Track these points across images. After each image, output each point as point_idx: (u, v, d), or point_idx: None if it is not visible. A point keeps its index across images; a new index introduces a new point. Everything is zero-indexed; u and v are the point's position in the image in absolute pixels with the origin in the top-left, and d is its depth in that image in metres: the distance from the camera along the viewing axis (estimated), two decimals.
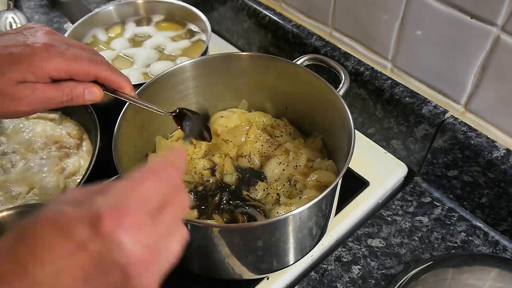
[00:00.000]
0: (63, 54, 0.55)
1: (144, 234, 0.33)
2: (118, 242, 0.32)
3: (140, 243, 0.33)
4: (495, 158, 0.71)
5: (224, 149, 0.79)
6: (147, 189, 0.36)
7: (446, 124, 0.76)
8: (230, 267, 0.65)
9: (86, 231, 0.32)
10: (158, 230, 0.35)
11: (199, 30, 1.03)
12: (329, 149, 0.79)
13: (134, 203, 0.34)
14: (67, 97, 0.56)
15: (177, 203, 0.38)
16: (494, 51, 0.68)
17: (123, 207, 0.33)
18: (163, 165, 0.39)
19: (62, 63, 0.54)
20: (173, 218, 0.37)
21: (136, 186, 0.36)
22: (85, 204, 0.33)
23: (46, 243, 0.31)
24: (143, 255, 0.33)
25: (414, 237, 0.77)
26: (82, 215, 0.32)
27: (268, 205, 0.71)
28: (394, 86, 0.82)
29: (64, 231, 0.32)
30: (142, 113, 0.72)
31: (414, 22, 0.76)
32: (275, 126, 0.84)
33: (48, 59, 0.53)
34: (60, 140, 0.85)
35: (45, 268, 0.31)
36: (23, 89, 0.53)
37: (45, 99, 0.55)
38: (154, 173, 0.38)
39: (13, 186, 0.77)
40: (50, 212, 0.33)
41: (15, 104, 0.54)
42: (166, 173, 0.38)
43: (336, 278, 0.72)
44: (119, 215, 0.32)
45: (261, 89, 0.83)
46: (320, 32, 0.95)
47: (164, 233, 0.36)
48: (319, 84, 0.72)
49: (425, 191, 0.84)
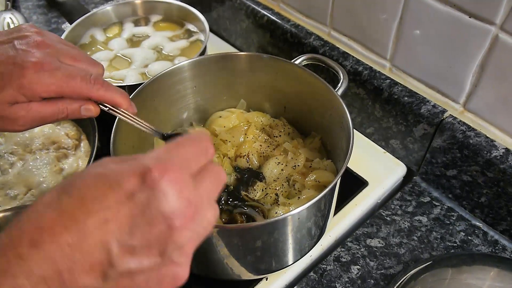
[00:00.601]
0: (53, 75, 0.52)
1: (188, 190, 0.34)
2: (165, 193, 0.33)
3: (184, 197, 0.34)
4: (494, 157, 0.71)
5: (222, 149, 0.79)
6: (187, 152, 0.37)
7: (445, 124, 0.76)
8: (229, 268, 0.65)
9: (135, 181, 0.33)
10: (199, 192, 0.36)
11: (197, 30, 1.03)
12: (327, 149, 0.79)
13: (178, 161, 0.35)
14: (62, 114, 0.55)
15: (214, 173, 0.39)
16: (492, 50, 0.68)
17: (168, 162, 0.34)
18: (199, 136, 0.40)
19: (53, 85, 0.52)
20: (212, 186, 0.38)
21: (178, 149, 0.37)
22: (131, 161, 0.35)
23: (94, 193, 0.32)
24: (187, 210, 0.34)
25: (413, 237, 0.77)
26: (130, 168, 0.33)
27: (267, 205, 0.71)
28: (393, 85, 0.82)
29: (112, 182, 0.33)
30: (140, 115, 0.71)
31: (413, 21, 0.76)
32: (274, 126, 0.84)
33: (38, 81, 0.52)
34: (58, 141, 0.85)
35: (93, 217, 0.31)
36: (17, 110, 0.52)
37: (40, 118, 0.54)
38: (192, 141, 0.38)
39: (11, 187, 0.77)
40: (96, 168, 0.34)
41: (11, 124, 0.53)
42: (202, 144, 0.39)
43: (335, 278, 0.72)
44: (166, 167, 0.33)
45: (259, 89, 0.83)
46: (318, 31, 0.95)
47: (205, 198, 0.37)
48: (318, 84, 0.72)
49: (424, 191, 0.83)
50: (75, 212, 0.31)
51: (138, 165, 0.34)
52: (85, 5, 1.25)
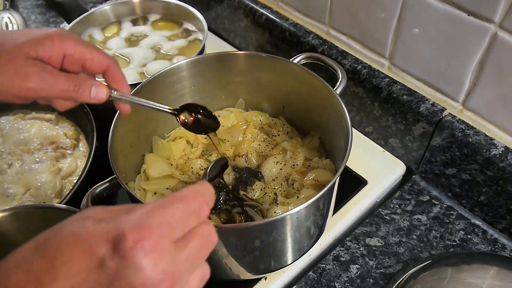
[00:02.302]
0: (79, 39, 0.55)
1: (164, 261, 0.32)
2: (137, 264, 0.30)
3: (159, 269, 0.31)
4: (493, 155, 0.71)
5: (221, 148, 0.79)
6: (173, 215, 0.34)
7: (444, 122, 0.76)
8: (228, 268, 0.65)
9: (107, 248, 0.31)
10: (180, 260, 0.34)
11: (195, 29, 1.03)
12: (326, 148, 0.79)
13: (158, 226, 0.32)
14: (74, 87, 0.54)
15: (203, 237, 0.36)
16: (491, 48, 0.67)
17: (146, 228, 0.32)
18: (194, 194, 0.37)
19: (79, 45, 0.54)
20: (198, 252, 0.36)
21: (162, 210, 0.34)
22: (109, 221, 0.32)
23: (64, 257, 0.31)
24: (161, 283, 0.31)
25: (413, 235, 0.76)
26: (104, 231, 0.32)
27: (266, 205, 0.71)
28: (392, 84, 0.82)
29: (84, 246, 0.31)
30: (138, 113, 0.71)
31: (411, 20, 0.75)
32: (272, 125, 0.84)
33: (66, 38, 0.53)
34: (57, 141, 0.85)
35: (59, 283, 0.30)
36: (33, 64, 0.51)
37: (52, 82, 0.52)
38: (183, 200, 0.36)
39: (9, 187, 0.77)
40: (72, 226, 0.33)
41: (22, 79, 0.51)
42: (195, 203, 0.36)
43: (334, 278, 0.71)
44: (143, 235, 0.31)
45: (258, 88, 0.83)
46: (317, 30, 0.94)
47: (186, 266, 0.34)
48: (316, 83, 0.72)
49: (423, 190, 0.83)
50: (43, 276, 0.30)
51: (113, 228, 0.32)
52: (83, 4, 1.25)
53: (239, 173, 0.75)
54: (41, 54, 0.52)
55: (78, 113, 0.84)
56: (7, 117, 0.89)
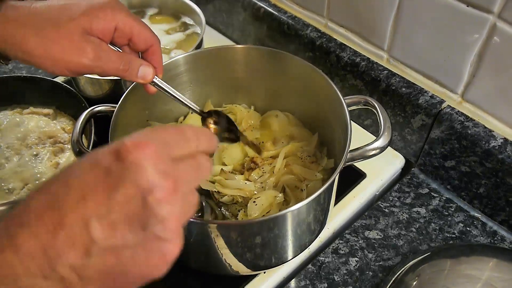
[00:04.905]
0: (128, 12, 0.56)
1: (164, 164, 0.34)
2: (138, 164, 0.33)
3: (161, 170, 0.34)
4: (493, 147, 0.71)
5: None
6: (171, 137, 0.37)
7: (443, 114, 0.76)
8: (227, 264, 0.65)
9: (110, 158, 0.34)
10: (178, 170, 0.36)
11: (193, 23, 1.02)
12: (325, 142, 0.79)
13: (156, 140, 0.35)
14: (124, 66, 0.56)
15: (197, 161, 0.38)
16: (490, 39, 0.67)
17: (145, 140, 0.34)
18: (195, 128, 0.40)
19: (129, 17, 0.55)
20: (191, 171, 0.37)
21: (161, 131, 0.37)
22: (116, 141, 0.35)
23: (75, 173, 0.34)
24: (164, 183, 0.34)
25: (412, 228, 0.76)
26: (109, 147, 0.35)
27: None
28: (391, 76, 0.82)
29: (92, 161, 0.34)
30: (137, 109, 0.71)
31: (410, 11, 0.75)
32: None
33: (119, 10, 0.54)
34: (55, 135, 0.85)
35: (72, 194, 0.32)
36: (90, 40, 0.53)
37: (106, 60, 0.54)
38: (181, 128, 0.38)
39: (7, 181, 0.77)
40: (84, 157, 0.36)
41: (79, 55, 0.52)
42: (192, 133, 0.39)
43: (333, 271, 0.71)
44: (141, 143, 0.34)
45: (256, 81, 0.82)
46: (315, 23, 0.94)
47: (183, 176, 0.36)
48: (315, 75, 0.72)
49: (422, 182, 0.83)
50: (58, 191, 0.33)
51: (116, 143, 0.34)
52: None
53: None
54: (95, 27, 0.53)
55: (76, 108, 0.84)
56: (5, 112, 0.89)
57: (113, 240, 0.32)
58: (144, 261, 0.34)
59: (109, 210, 0.32)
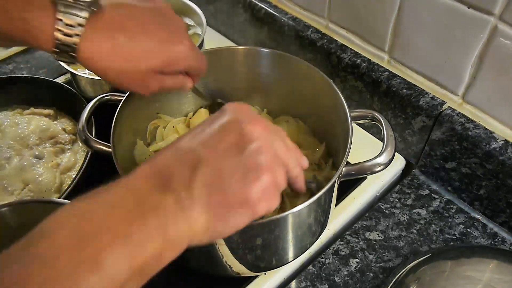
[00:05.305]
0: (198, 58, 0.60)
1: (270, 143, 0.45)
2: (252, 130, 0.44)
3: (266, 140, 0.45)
4: (493, 149, 0.71)
5: None
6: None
7: (443, 116, 0.76)
8: (228, 265, 0.65)
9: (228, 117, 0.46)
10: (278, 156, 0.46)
11: (194, 24, 1.02)
12: (332, 152, 0.78)
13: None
14: (175, 86, 0.61)
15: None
16: (491, 41, 0.67)
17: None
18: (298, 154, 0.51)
19: (197, 62, 0.61)
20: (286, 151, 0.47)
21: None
22: None
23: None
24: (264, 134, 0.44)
25: (412, 229, 0.76)
26: None
27: None
28: (391, 78, 0.82)
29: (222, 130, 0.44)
30: (138, 111, 0.71)
31: (411, 13, 0.75)
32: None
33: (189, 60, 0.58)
34: (55, 136, 0.85)
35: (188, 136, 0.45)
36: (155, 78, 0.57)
37: (165, 89, 0.60)
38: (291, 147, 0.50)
39: (8, 182, 0.77)
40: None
41: (144, 89, 0.58)
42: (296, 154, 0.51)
43: (334, 272, 0.71)
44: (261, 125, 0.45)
45: (258, 84, 0.82)
46: (316, 24, 0.94)
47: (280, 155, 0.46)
48: (317, 77, 0.72)
49: (423, 184, 0.83)
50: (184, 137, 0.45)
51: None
52: None
53: None
54: (165, 72, 0.58)
55: (76, 108, 0.84)
56: (6, 112, 0.89)
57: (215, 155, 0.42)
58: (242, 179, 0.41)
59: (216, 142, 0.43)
